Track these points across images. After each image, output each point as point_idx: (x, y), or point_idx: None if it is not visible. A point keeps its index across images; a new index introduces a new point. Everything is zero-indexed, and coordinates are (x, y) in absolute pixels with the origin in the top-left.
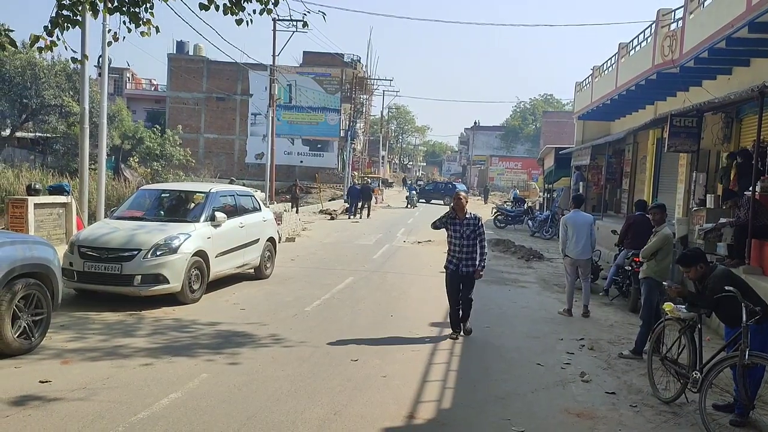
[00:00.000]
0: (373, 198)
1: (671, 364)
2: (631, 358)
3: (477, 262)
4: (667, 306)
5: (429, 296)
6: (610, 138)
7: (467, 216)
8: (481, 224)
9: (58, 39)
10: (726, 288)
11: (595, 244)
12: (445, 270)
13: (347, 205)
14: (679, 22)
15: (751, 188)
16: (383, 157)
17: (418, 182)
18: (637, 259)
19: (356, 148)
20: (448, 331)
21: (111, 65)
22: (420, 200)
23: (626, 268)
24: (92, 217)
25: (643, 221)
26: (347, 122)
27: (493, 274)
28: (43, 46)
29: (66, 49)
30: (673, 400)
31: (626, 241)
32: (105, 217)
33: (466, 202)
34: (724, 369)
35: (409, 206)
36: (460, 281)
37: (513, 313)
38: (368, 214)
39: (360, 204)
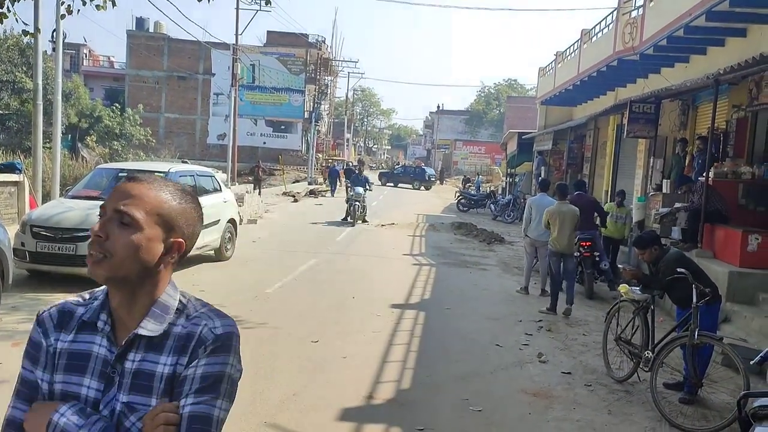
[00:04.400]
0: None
1: (625, 344)
2: (545, 313)
3: None
4: (622, 288)
5: (391, 278)
6: (571, 123)
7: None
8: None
9: (9, 11)
10: (678, 270)
11: None
12: None
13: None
14: (640, 9)
15: (704, 174)
16: (348, 139)
17: (396, 166)
18: (583, 243)
19: (321, 130)
20: (411, 313)
21: (66, 40)
22: (388, 183)
23: (575, 254)
24: (47, 197)
25: (580, 200)
26: (311, 104)
27: (454, 257)
28: None
29: (17, 21)
30: (626, 379)
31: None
32: (60, 197)
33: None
34: (674, 348)
35: (349, 219)
36: None
37: (473, 295)
38: None
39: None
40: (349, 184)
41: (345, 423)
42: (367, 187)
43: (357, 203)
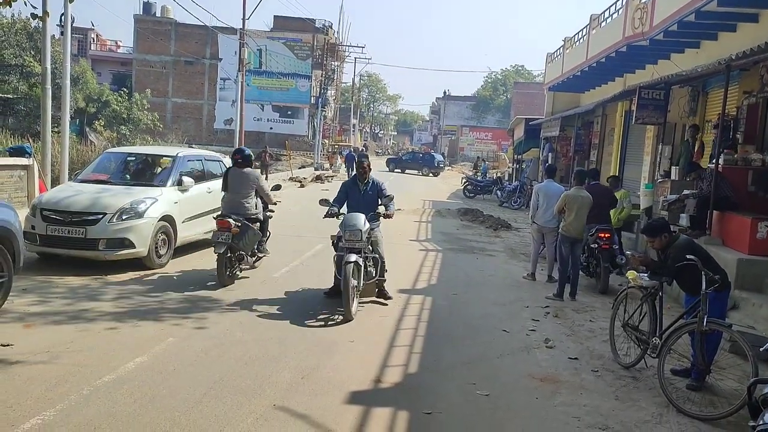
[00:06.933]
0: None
1: (632, 330)
2: (552, 299)
3: None
4: (630, 274)
5: (398, 264)
6: (579, 110)
7: None
8: None
9: None
10: (687, 257)
11: None
12: None
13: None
14: None
15: (714, 161)
16: (354, 125)
17: (407, 152)
18: (602, 235)
19: (327, 115)
20: (417, 298)
21: (74, 24)
22: (395, 169)
23: (592, 245)
24: (56, 181)
25: (596, 191)
26: (318, 89)
27: (461, 243)
28: (1, 1)
29: (25, 5)
30: (633, 365)
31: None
32: (69, 180)
33: None
34: (682, 335)
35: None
36: None
37: (480, 280)
38: None
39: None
40: (336, 210)
41: (353, 406)
42: (384, 205)
43: (353, 256)
